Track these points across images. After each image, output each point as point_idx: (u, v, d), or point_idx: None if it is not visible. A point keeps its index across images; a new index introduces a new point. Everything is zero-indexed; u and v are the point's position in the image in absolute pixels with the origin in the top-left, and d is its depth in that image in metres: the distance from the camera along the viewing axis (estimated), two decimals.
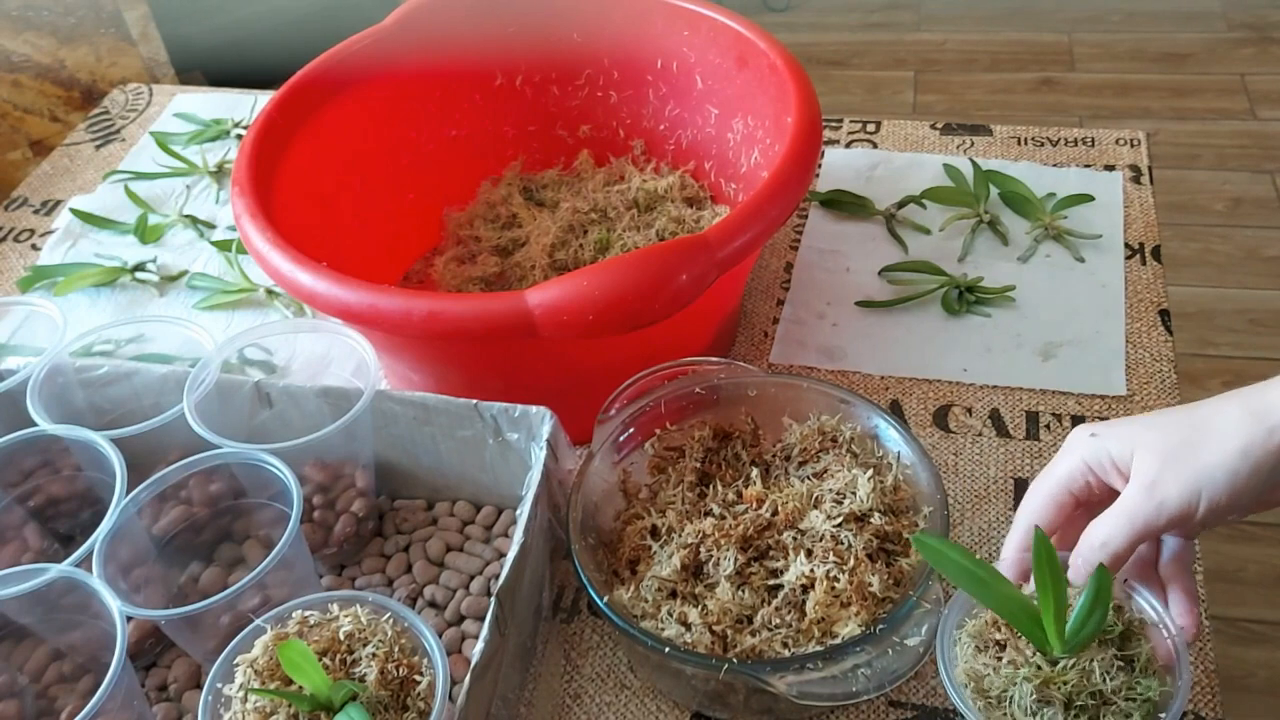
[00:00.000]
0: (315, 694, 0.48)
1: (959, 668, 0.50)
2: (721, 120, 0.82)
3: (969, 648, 0.51)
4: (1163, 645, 0.49)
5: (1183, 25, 2.40)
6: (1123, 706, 0.47)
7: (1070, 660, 0.48)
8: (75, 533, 0.66)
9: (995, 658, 0.50)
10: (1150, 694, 0.47)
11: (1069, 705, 0.47)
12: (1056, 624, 0.48)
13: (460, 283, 0.80)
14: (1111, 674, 0.48)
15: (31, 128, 1.54)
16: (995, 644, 0.50)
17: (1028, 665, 0.48)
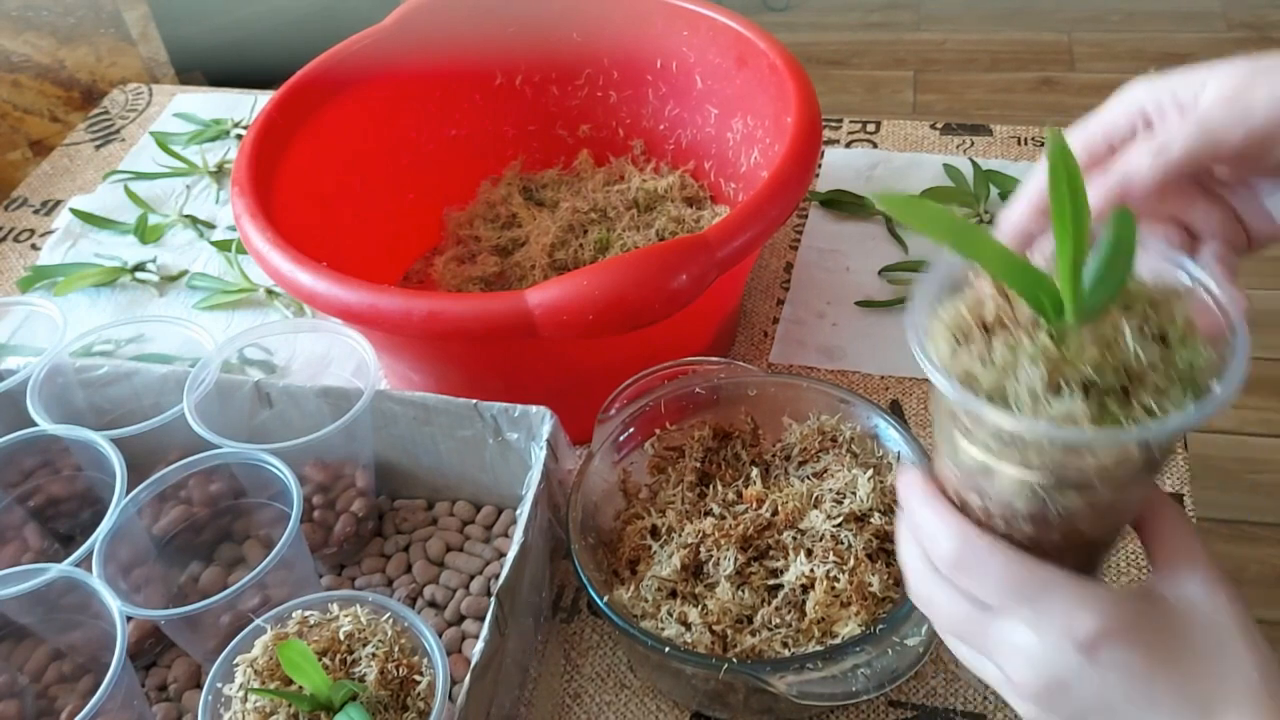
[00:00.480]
0: (315, 694, 0.48)
1: (949, 362, 0.38)
2: (721, 120, 0.82)
3: (944, 346, 0.38)
4: (1205, 314, 0.38)
5: (1182, 25, 2.40)
6: (1159, 384, 0.35)
7: (1087, 331, 0.36)
8: (75, 533, 0.66)
9: (985, 344, 0.37)
10: (1196, 361, 0.36)
11: (1088, 390, 0.35)
12: (1073, 272, 0.35)
13: (460, 283, 0.80)
14: (1143, 341, 0.36)
15: (31, 128, 1.54)
16: (982, 329, 0.38)
17: (1031, 346, 0.36)
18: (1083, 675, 0.37)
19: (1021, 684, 0.38)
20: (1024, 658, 0.38)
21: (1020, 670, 0.38)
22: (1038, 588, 0.38)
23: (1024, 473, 0.37)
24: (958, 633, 0.40)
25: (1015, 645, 0.38)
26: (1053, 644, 0.37)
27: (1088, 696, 0.37)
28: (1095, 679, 0.37)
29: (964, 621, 0.40)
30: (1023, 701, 0.39)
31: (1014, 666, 0.38)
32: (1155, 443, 0.36)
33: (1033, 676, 0.38)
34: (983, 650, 0.40)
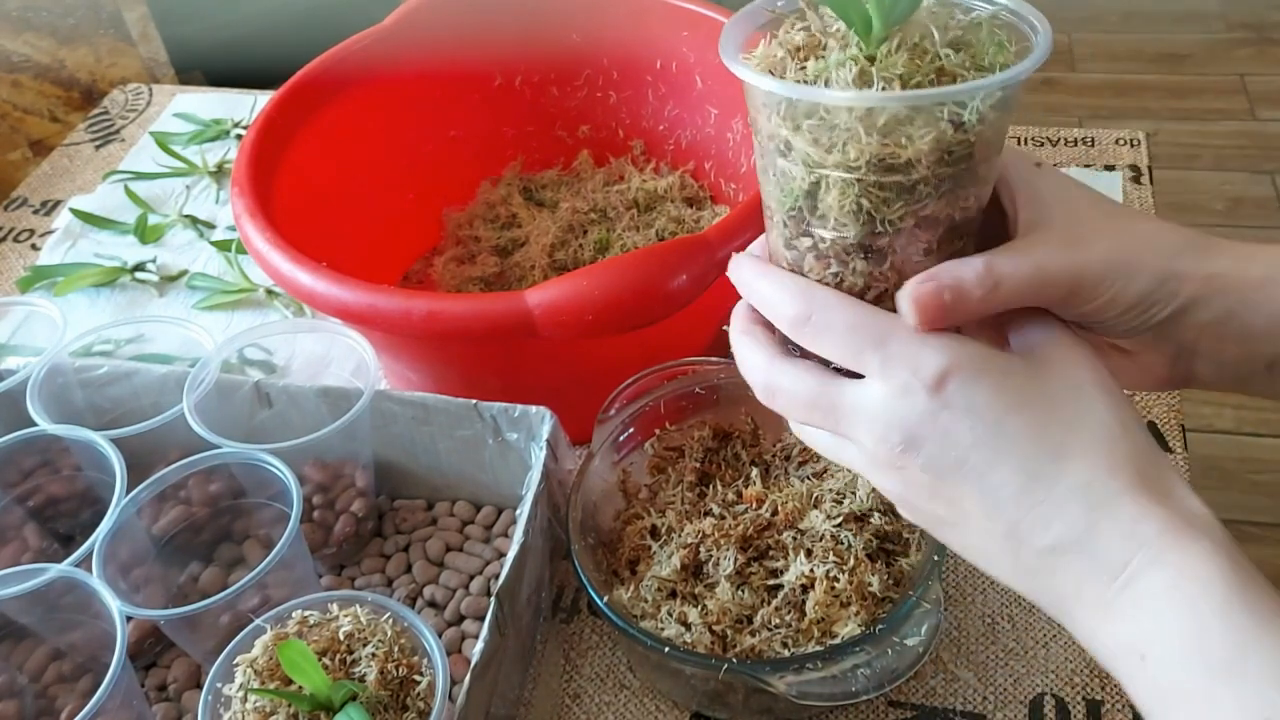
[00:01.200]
0: (315, 694, 0.48)
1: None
2: (721, 120, 0.82)
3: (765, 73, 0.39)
4: (1008, 28, 0.39)
5: (1182, 25, 2.40)
6: (971, 78, 0.37)
7: (895, 40, 0.37)
8: (75, 533, 0.66)
9: (799, 70, 0.38)
10: (1001, 58, 0.38)
11: (902, 81, 0.36)
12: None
13: (460, 283, 0.80)
14: (945, 40, 0.37)
15: (31, 128, 1.54)
16: (794, 59, 0.39)
17: (842, 54, 0.37)
18: (932, 421, 0.36)
19: (876, 450, 0.38)
20: (875, 415, 0.37)
21: (874, 432, 0.38)
22: (883, 331, 0.38)
23: (847, 175, 0.37)
24: (811, 416, 0.40)
25: (865, 406, 0.38)
26: (900, 387, 0.37)
27: (938, 448, 0.37)
28: (944, 422, 0.36)
29: (816, 397, 0.39)
30: (883, 473, 0.39)
31: (868, 431, 0.38)
32: (969, 120, 0.36)
33: (885, 434, 0.37)
34: (837, 427, 0.39)
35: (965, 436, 0.36)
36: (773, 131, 0.39)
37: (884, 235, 0.38)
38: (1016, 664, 0.59)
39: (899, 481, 0.38)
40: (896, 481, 0.38)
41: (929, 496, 0.38)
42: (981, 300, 0.38)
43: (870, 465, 0.39)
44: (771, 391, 0.41)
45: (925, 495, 0.38)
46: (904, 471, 0.38)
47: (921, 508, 0.39)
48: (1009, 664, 0.59)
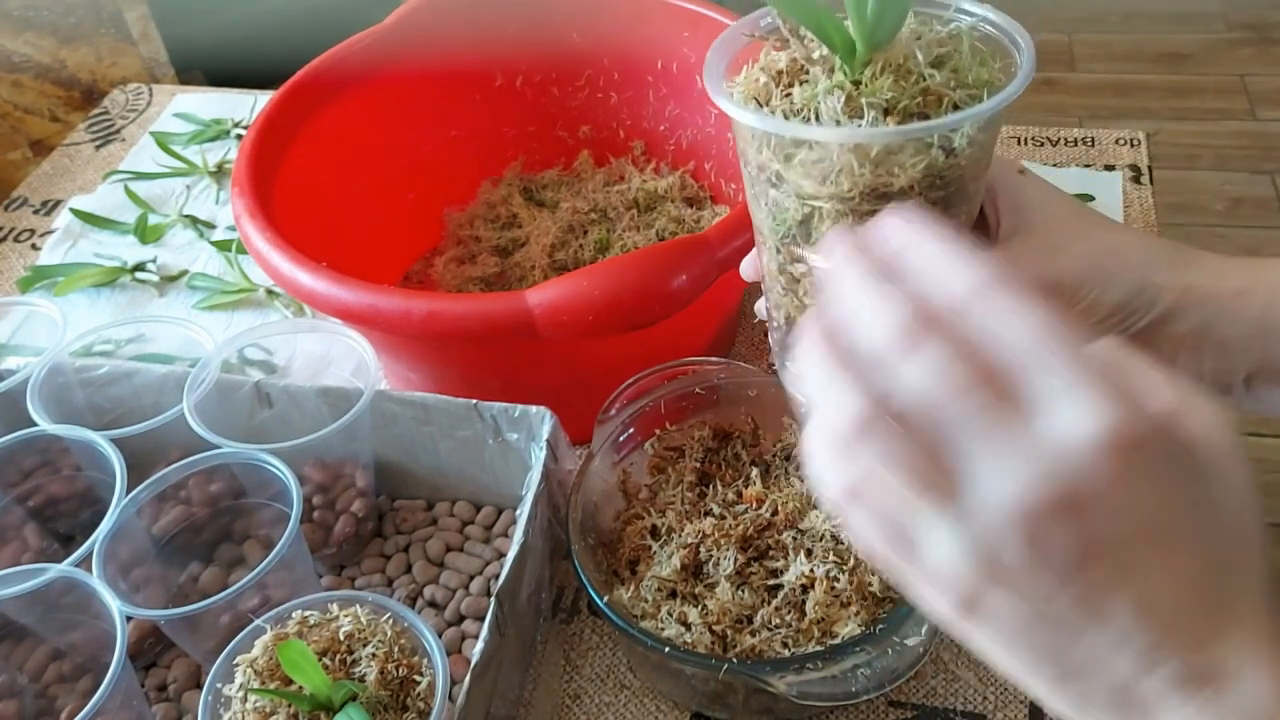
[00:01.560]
0: (315, 694, 0.48)
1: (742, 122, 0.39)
2: (721, 120, 0.82)
3: (747, 107, 0.39)
4: (991, 42, 0.39)
5: (1182, 25, 2.40)
6: (956, 101, 0.37)
7: (879, 63, 0.37)
8: (75, 533, 0.66)
9: (785, 98, 0.38)
10: (985, 76, 0.37)
11: (888, 114, 0.36)
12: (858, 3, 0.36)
13: (460, 283, 0.80)
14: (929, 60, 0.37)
15: (31, 128, 1.54)
16: (779, 86, 0.38)
17: (828, 81, 0.37)
18: (1112, 481, 0.28)
19: (1012, 499, 0.28)
20: (1033, 452, 0.28)
21: (1021, 472, 0.28)
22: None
23: (840, 205, 0.37)
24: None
25: (1025, 440, 0.28)
26: (1071, 434, 0.28)
27: (1112, 514, 0.28)
28: (1130, 485, 0.28)
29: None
30: (996, 533, 0.28)
31: (1008, 472, 0.28)
32: (958, 145, 0.36)
33: (1041, 477, 0.28)
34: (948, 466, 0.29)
35: (1162, 503, 0.29)
36: (763, 163, 0.38)
37: None
38: None
39: (1018, 552, 0.28)
40: (1014, 550, 0.28)
41: (1058, 581, 0.29)
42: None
43: (977, 520, 0.29)
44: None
45: (1051, 577, 0.29)
46: (1038, 537, 0.28)
47: (1027, 590, 0.29)
48: None
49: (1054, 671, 0.30)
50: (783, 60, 0.39)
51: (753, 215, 0.42)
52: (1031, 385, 0.29)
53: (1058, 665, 0.30)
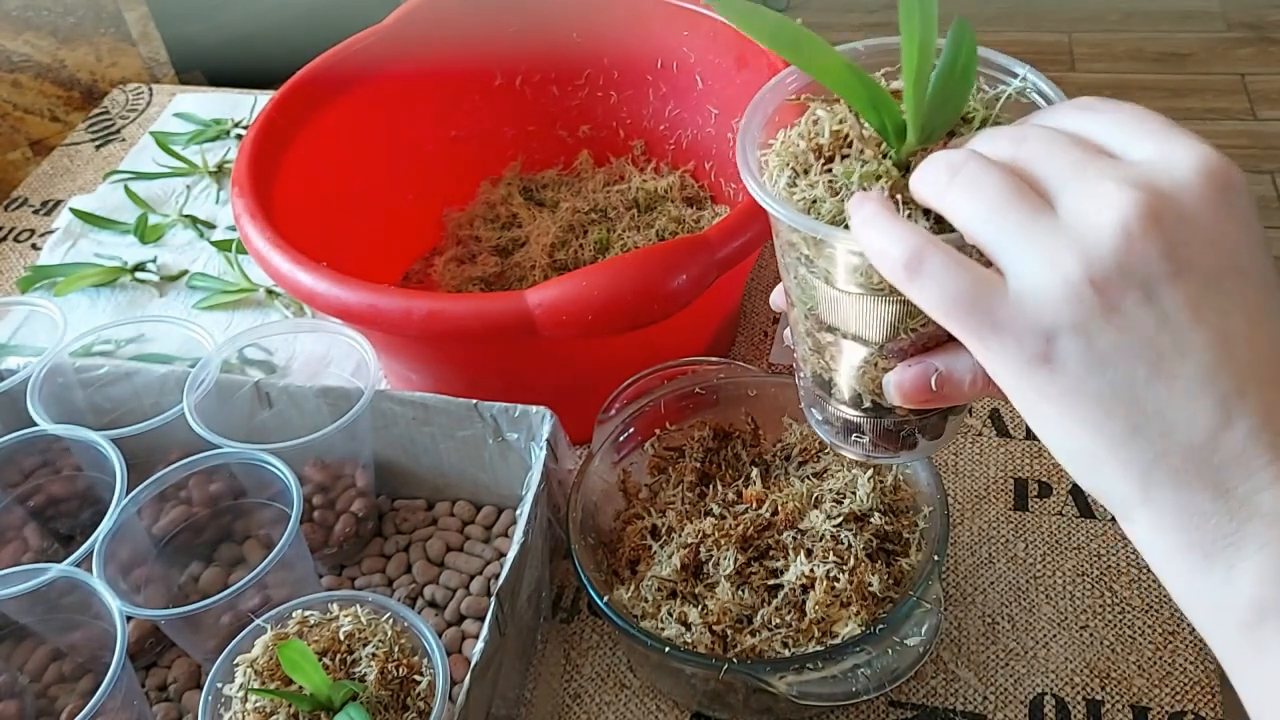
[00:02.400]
0: (315, 694, 0.48)
1: (788, 196, 0.37)
2: (721, 120, 0.82)
3: (781, 176, 0.37)
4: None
5: (1182, 25, 2.40)
6: None
7: (932, 150, 0.34)
8: (75, 533, 0.66)
9: (824, 172, 0.36)
10: None
11: (929, 213, 0.34)
12: (917, 88, 0.33)
13: (460, 283, 0.80)
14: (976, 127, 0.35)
15: (31, 128, 1.54)
16: (819, 157, 0.36)
17: (876, 165, 0.35)
18: (1213, 211, 0.29)
19: (1115, 223, 0.28)
20: (1137, 178, 0.29)
21: (1123, 197, 0.29)
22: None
23: (873, 295, 0.35)
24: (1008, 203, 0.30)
25: (1117, 173, 0.29)
26: (1176, 157, 0.29)
27: (1211, 244, 0.29)
28: (1224, 219, 0.29)
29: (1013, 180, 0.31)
30: (1095, 254, 0.28)
31: (1114, 195, 0.29)
32: None
33: (1144, 205, 0.28)
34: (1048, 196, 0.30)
35: (1243, 243, 0.29)
36: (793, 241, 0.37)
37: (905, 339, 0.37)
38: (1016, 664, 0.59)
39: (1120, 270, 0.28)
40: (1107, 257, 0.28)
41: (1144, 297, 0.29)
42: (972, 389, 0.36)
43: (1076, 245, 0.29)
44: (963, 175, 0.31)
45: (1139, 294, 0.29)
46: (1132, 244, 0.28)
47: (1113, 311, 0.29)
48: (1009, 664, 0.59)
49: (1126, 422, 0.29)
50: (826, 128, 0.36)
51: (781, 275, 0.40)
52: (1134, 142, 0.30)
53: (1132, 411, 0.29)
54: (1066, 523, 0.65)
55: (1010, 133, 0.32)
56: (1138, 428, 0.29)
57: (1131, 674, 0.58)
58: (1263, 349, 0.29)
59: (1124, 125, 0.31)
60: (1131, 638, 0.60)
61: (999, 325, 0.30)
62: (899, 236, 0.32)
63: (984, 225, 0.30)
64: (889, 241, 0.32)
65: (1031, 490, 0.67)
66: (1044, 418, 0.31)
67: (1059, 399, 0.30)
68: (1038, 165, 0.31)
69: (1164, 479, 0.29)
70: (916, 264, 0.31)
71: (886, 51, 0.38)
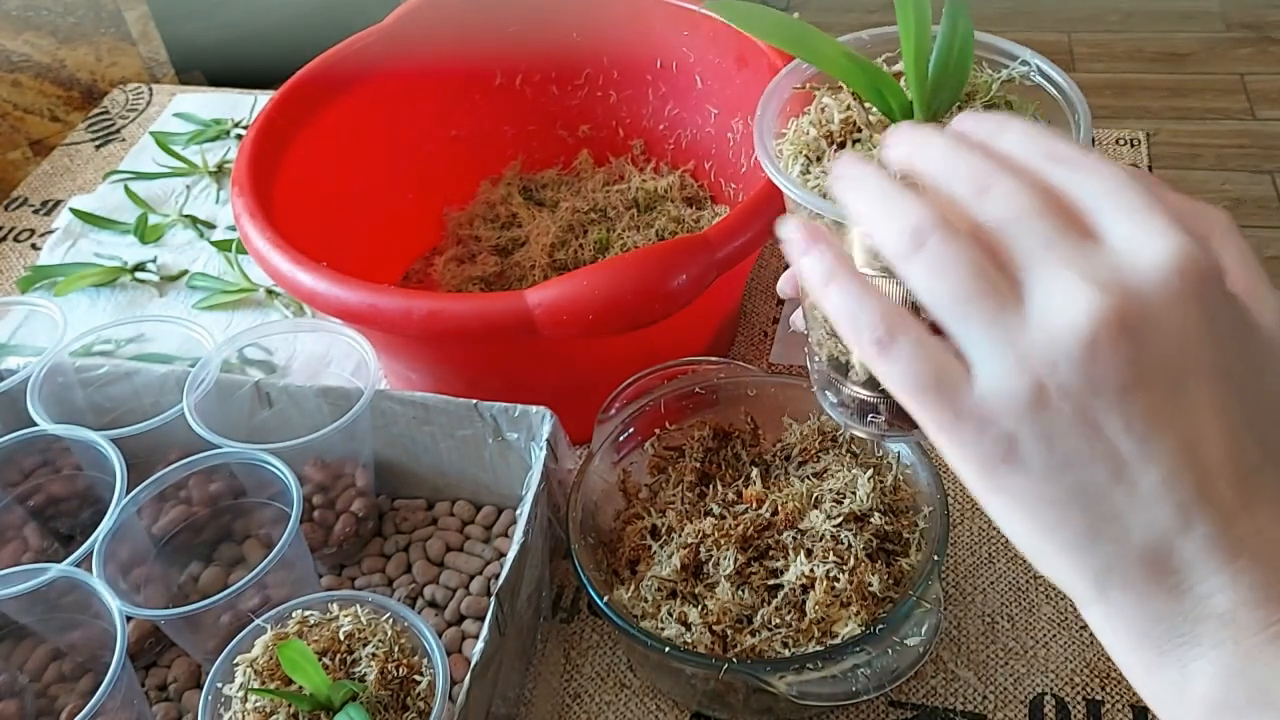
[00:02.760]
0: (315, 694, 0.48)
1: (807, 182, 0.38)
2: (721, 120, 0.82)
3: (795, 165, 0.38)
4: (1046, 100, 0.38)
5: (1182, 25, 2.40)
6: None
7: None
8: (75, 533, 0.66)
9: (837, 155, 0.37)
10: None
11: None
12: (918, 68, 0.35)
13: (460, 283, 0.80)
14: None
15: (31, 128, 1.54)
16: (831, 144, 0.37)
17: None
18: (1171, 307, 0.28)
19: (1070, 316, 0.28)
20: (1095, 274, 0.28)
21: (1080, 293, 0.28)
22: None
23: (888, 279, 0.36)
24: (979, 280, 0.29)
25: (1082, 263, 0.29)
26: (1140, 249, 0.28)
27: (1167, 342, 0.28)
28: (1186, 315, 0.28)
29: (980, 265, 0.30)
30: (1038, 352, 0.28)
31: (1071, 287, 0.28)
32: None
33: (1098, 301, 0.28)
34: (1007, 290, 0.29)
35: (1209, 342, 0.28)
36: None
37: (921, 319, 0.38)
38: (1016, 664, 0.59)
39: (1073, 371, 0.28)
40: (1070, 363, 0.28)
41: (1106, 406, 0.28)
42: None
43: (1023, 334, 0.29)
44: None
45: (1100, 403, 0.28)
46: (1097, 351, 0.28)
47: (1074, 416, 0.28)
48: (1009, 664, 0.59)
49: (1084, 524, 0.29)
50: (836, 115, 0.37)
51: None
52: (1106, 218, 0.29)
53: (1090, 514, 0.29)
54: None
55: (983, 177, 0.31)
56: (1096, 531, 0.29)
57: None
58: (1226, 449, 0.29)
59: (1104, 193, 0.30)
60: None
61: (962, 417, 0.30)
62: (873, 308, 0.32)
63: (950, 312, 0.30)
64: (863, 311, 0.32)
65: None
66: (1002, 512, 0.31)
67: (1018, 497, 0.30)
68: (1007, 233, 0.30)
69: (1119, 582, 0.29)
70: (888, 341, 0.31)
71: (889, 40, 0.38)
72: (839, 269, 0.33)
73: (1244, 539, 0.28)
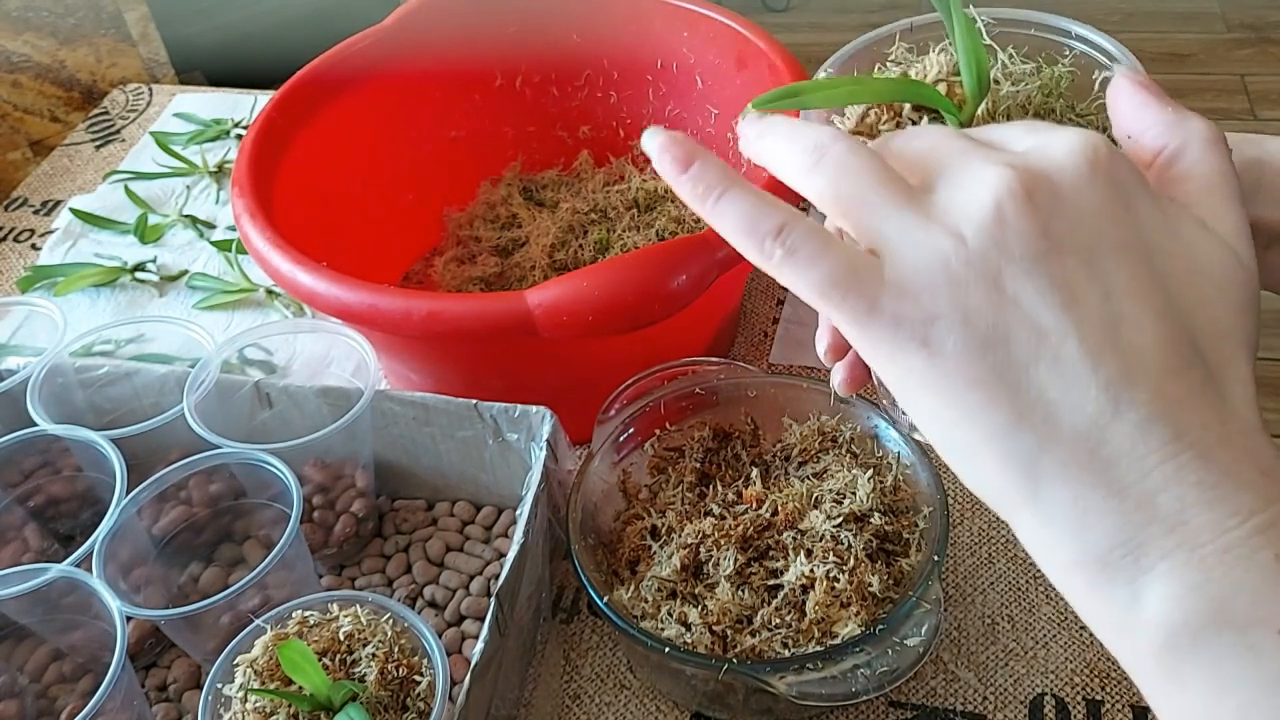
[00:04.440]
0: (315, 694, 0.48)
1: None
2: (721, 120, 0.82)
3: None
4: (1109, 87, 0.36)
5: (1182, 25, 2.40)
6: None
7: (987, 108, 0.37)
8: (75, 533, 0.66)
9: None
10: (1087, 114, 0.37)
11: None
12: (975, 65, 0.37)
13: (460, 283, 0.80)
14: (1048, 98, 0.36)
15: (31, 128, 1.54)
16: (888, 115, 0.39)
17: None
18: (1078, 182, 0.29)
19: (1008, 184, 0.28)
20: (1047, 146, 0.29)
21: (1016, 165, 0.29)
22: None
23: None
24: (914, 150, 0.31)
25: (1024, 144, 0.30)
26: (1072, 136, 0.29)
27: (1099, 215, 0.28)
28: (1113, 196, 0.29)
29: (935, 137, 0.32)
30: (991, 223, 0.28)
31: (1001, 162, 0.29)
32: None
33: (1020, 171, 0.29)
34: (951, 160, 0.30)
35: (1125, 221, 0.29)
36: None
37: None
38: (1016, 664, 0.59)
39: (1017, 235, 0.28)
40: (981, 234, 0.28)
41: (1021, 273, 0.28)
42: None
43: (975, 200, 0.29)
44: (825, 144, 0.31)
45: (1015, 269, 0.28)
46: (1006, 218, 0.28)
47: (1000, 303, 0.28)
48: (1009, 664, 0.59)
49: (1009, 410, 0.28)
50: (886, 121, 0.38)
51: None
52: (1018, 143, 0.31)
53: (1015, 398, 0.28)
54: None
55: (906, 130, 0.33)
56: (1021, 415, 0.27)
57: None
58: (1152, 333, 0.27)
59: (1015, 128, 0.31)
60: None
61: (877, 307, 0.29)
62: (772, 211, 0.31)
63: (857, 207, 0.30)
64: (761, 217, 0.31)
65: None
66: (925, 408, 0.29)
67: (938, 386, 0.28)
68: (919, 154, 0.31)
69: (1051, 472, 0.27)
70: (794, 244, 0.30)
71: (932, 26, 0.39)
72: (728, 179, 0.32)
73: (1185, 432, 0.26)
